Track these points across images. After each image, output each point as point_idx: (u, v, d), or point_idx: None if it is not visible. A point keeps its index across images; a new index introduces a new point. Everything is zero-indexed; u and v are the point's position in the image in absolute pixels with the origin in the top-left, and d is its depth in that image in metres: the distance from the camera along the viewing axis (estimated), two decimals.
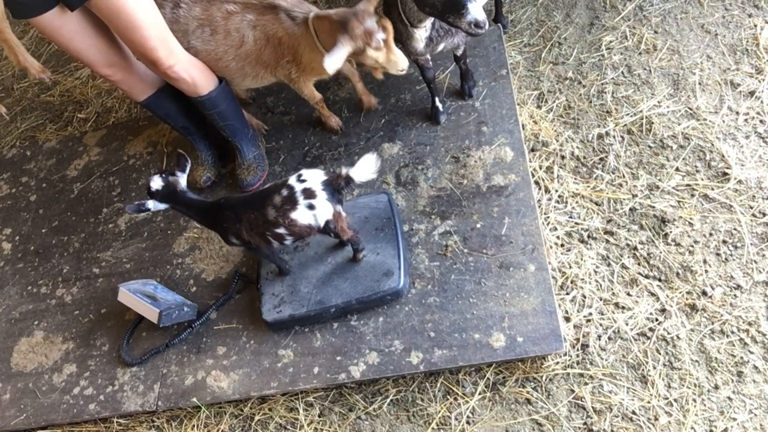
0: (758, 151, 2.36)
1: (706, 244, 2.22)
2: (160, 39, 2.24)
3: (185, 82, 2.40)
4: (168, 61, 2.30)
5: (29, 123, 3.65)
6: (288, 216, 2.06)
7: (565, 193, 2.44)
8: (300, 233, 2.12)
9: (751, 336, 2.03)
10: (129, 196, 2.99)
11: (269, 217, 2.08)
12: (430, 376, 2.22)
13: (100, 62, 2.34)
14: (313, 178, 2.07)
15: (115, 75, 2.41)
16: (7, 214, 3.19)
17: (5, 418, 2.52)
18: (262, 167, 2.79)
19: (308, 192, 2.05)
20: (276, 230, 2.10)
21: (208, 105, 2.54)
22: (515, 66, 2.85)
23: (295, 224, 2.07)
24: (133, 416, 2.43)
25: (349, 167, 2.06)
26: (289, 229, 2.09)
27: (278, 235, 2.11)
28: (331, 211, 2.08)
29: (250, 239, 2.15)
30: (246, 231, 2.13)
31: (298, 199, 2.05)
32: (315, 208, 2.06)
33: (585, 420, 2.02)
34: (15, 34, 4.17)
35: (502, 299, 2.21)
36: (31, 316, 2.77)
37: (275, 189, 2.09)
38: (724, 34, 2.68)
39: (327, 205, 2.07)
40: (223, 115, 2.61)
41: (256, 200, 2.12)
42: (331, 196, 2.07)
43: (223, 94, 2.55)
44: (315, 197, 2.05)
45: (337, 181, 2.06)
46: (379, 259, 2.32)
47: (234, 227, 2.15)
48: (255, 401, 2.33)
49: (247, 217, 2.11)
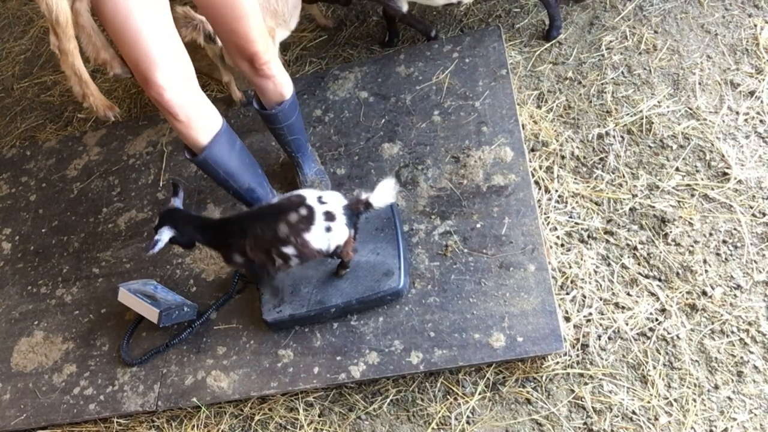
0: (758, 151, 2.36)
1: (706, 244, 2.22)
2: (260, 31, 2.10)
3: (274, 82, 2.23)
4: (265, 56, 2.14)
5: (29, 123, 3.65)
6: (301, 236, 1.99)
7: (565, 193, 2.44)
8: (308, 256, 2.05)
9: (751, 336, 2.04)
10: (129, 195, 2.99)
11: (280, 233, 2.00)
12: (430, 376, 2.22)
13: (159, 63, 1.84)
14: (334, 201, 2.02)
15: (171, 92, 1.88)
16: (7, 214, 3.19)
17: (5, 418, 2.52)
18: (325, 182, 2.63)
19: (329, 215, 1.99)
20: (283, 249, 2.02)
21: (288, 114, 2.36)
22: (515, 66, 2.85)
23: (306, 246, 2.01)
24: (133, 416, 2.43)
25: (369, 192, 2.00)
26: (299, 249, 2.02)
27: (284, 255, 2.04)
28: (346, 236, 2.04)
29: (254, 256, 2.07)
30: (251, 246, 2.05)
31: (317, 220, 1.98)
32: (331, 231, 2.01)
33: (585, 420, 2.02)
34: (14, 34, 4.19)
35: (502, 299, 2.21)
36: (31, 316, 2.77)
37: (291, 206, 2.01)
38: (724, 34, 2.68)
39: (344, 229, 2.02)
40: (293, 127, 2.43)
41: (268, 214, 2.04)
42: (349, 221, 2.03)
43: (296, 103, 2.40)
44: (334, 220, 2.00)
45: (357, 207, 2.02)
46: (379, 259, 2.32)
47: (239, 243, 2.07)
48: (255, 401, 2.33)
49: (255, 231, 2.03)
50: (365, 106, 2.89)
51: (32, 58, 4.01)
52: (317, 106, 2.96)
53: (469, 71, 2.82)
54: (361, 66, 3.03)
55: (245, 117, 3.05)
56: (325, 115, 2.92)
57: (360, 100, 2.92)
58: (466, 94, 2.76)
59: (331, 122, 2.89)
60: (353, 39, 3.28)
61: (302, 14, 3.11)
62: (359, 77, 2.99)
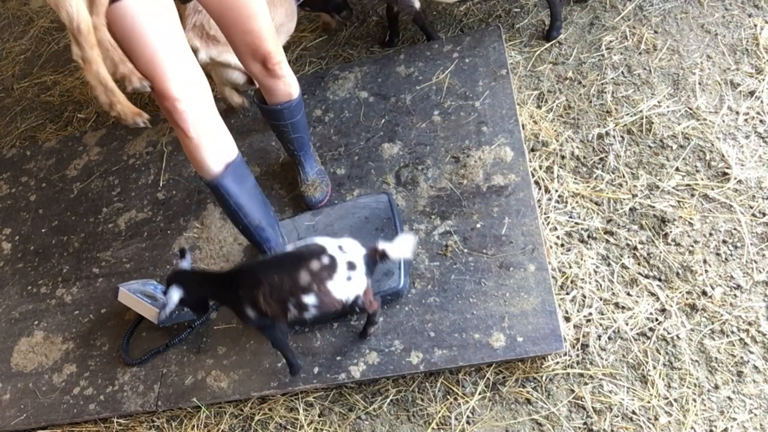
0: (758, 151, 2.36)
1: (706, 244, 2.22)
2: (270, 31, 2.11)
3: (285, 81, 2.25)
4: (278, 55, 2.16)
5: (29, 123, 3.65)
6: (324, 284, 1.93)
7: (565, 193, 2.44)
8: (327, 306, 1.98)
9: (751, 336, 2.03)
10: (129, 195, 2.99)
11: (301, 281, 1.93)
12: (430, 376, 2.22)
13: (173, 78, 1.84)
14: (353, 250, 1.99)
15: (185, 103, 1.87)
16: (7, 214, 3.19)
17: (5, 418, 2.52)
18: (326, 182, 2.64)
19: (351, 264, 1.96)
20: (303, 297, 1.94)
21: (294, 112, 2.37)
22: (515, 66, 2.85)
23: (327, 294, 1.94)
24: (133, 416, 2.43)
25: (387, 242, 1.98)
26: (320, 298, 1.95)
27: (302, 305, 1.95)
28: (365, 286, 2.01)
29: (267, 307, 1.97)
30: (264, 297, 1.95)
31: (340, 269, 1.95)
32: (352, 280, 1.97)
33: (585, 420, 2.02)
34: (14, 34, 4.19)
35: (502, 299, 2.21)
36: (31, 316, 2.77)
37: (312, 254, 1.95)
38: (724, 34, 2.68)
39: (363, 279, 1.99)
40: (297, 126, 2.44)
41: (285, 263, 1.97)
42: (368, 270, 2.00)
43: (302, 102, 2.41)
44: (355, 269, 1.97)
45: (374, 256, 1.99)
46: None
47: (251, 293, 1.97)
48: (255, 401, 2.33)
49: (270, 280, 1.95)
50: (365, 106, 2.89)
51: (32, 58, 4.01)
52: (317, 106, 2.96)
53: (469, 71, 2.82)
54: (361, 66, 3.03)
55: (245, 117, 3.05)
56: (325, 115, 2.92)
57: (360, 100, 2.92)
58: (466, 94, 2.76)
59: (331, 122, 2.89)
60: (353, 39, 3.28)
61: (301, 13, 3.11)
62: (359, 77, 2.99)
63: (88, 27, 1.65)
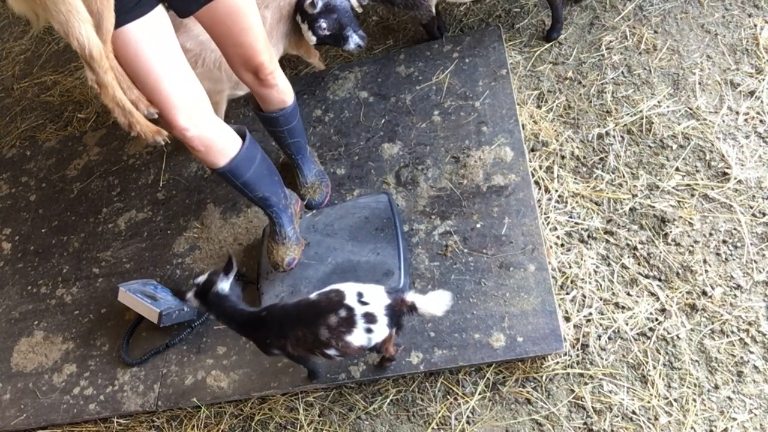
0: (758, 151, 2.36)
1: (706, 244, 2.22)
2: (264, 42, 2.11)
3: (278, 90, 2.26)
4: (270, 66, 2.15)
5: (29, 123, 3.65)
6: (342, 338, 1.88)
7: (565, 193, 2.44)
8: (351, 353, 1.97)
9: (751, 336, 2.04)
10: (129, 195, 2.99)
11: (321, 337, 1.90)
12: (430, 376, 2.22)
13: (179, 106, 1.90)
14: (376, 300, 1.88)
15: (193, 129, 1.96)
16: (7, 214, 3.19)
17: (5, 418, 2.52)
18: (325, 183, 2.65)
19: (370, 317, 1.87)
20: (326, 350, 1.93)
21: (289, 118, 2.38)
22: (515, 66, 2.85)
23: (348, 346, 1.90)
24: (133, 416, 2.43)
25: (418, 294, 1.89)
26: (341, 350, 1.92)
27: (327, 355, 1.95)
28: (386, 335, 1.94)
29: (296, 353, 2.00)
30: (292, 346, 1.98)
31: (357, 322, 1.87)
32: (372, 332, 1.89)
33: (585, 420, 2.02)
34: (14, 34, 4.19)
35: (502, 299, 2.21)
36: (31, 316, 2.77)
37: (330, 307, 1.90)
38: (724, 34, 2.68)
39: (385, 330, 1.91)
40: (293, 131, 2.45)
41: (307, 316, 1.94)
42: (390, 321, 1.89)
43: (297, 107, 2.41)
44: (376, 322, 1.87)
45: (401, 307, 1.88)
46: (379, 259, 2.32)
47: (279, 342, 1.99)
48: (255, 401, 2.33)
49: (295, 334, 1.94)
50: (365, 106, 2.89)
51: (32, 58, 4.01)
52: (317, 106, 2.96)
53: (469, 71, 2.82)
54: (361, 66, 3.03)
55: (245, 117, 3.05)
56: (325, 115, 2.92)
57: (360, 100, 2.93)
58: (466, 94, 2.76)
59: (331, 122, 2.89)
60: None
61: None
62: (359, 77, 2.99)
63: (100, 52, 1.66)
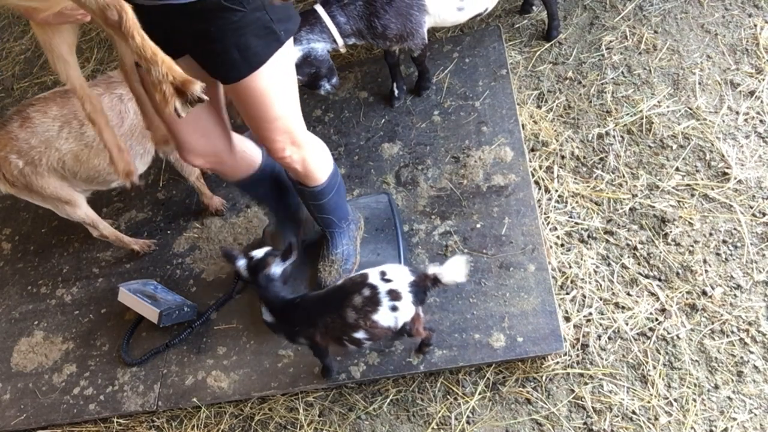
0: (758, 151, 2.36)
1: (706, 244, 2.22)
2: (283, 131, 1.87)
3: (295, 171, 2.02)
4: (283, 152, 1.92)
5: None
6: (369, 318, 1.90)
7: (565, 193, 2.44)
8: (379, 335, 1.97)
9: (751, 336, 2.03)
10: (129, 195, 2.99)
11: (349, 319, 1.91)
12: (430, 376, 2.22)
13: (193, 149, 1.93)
14: (400, 277, 1.91)
15: (205, 165, 2.04)
16: (7, 214, 3.19)
17: (5, 418, 2.52)
18: (346, 267, 2.36)
19: (394, 293, 1.89)
20: (354, 334, 1.94)
21: (317, 196, 2.16)
22: (515, 66, 2.85)
23: (376, 326, 1.91)
24: (133, 416, 2.43)
25: (437, 266, 1.90)
26: (370, 332, 1.93)
27: (356, 340, 1.96)
28: (412, 313, 1.94)
29: (324, 343, 2.01)
30: (321, 335, 1.98)
31: (381, 300, 1.89)
32: (398, 310, 1.90)
33: (585, 420, 2.02)
34: (14, 34, 4.19)
35: (502, 299, 2.21)
36: (31, 316, 2.77)
37: (354, 288, 1.92)
38: (724, 34, 2.68)
39: (410, 307, 1.92)
40: (324, 208, 2.22)
41: (333, 300, 1.96)
42: (415, 297, 1.92)
43: (333, 183, 2.15)
44: (400, 299, 1.90)
45: (424, 282, 1.91)
46: (379, 260, 2.32)
47: (308, 331, 2.00)
48: (255, 401, 2.33)
49: (324, 321, 1.96)
50: (365, 106, 2.89)
51: (32, 58, 4.01)
52: (317, 106, 2.96)
53: (469, 71, 2.82)
54: (361, 66, 3.03)
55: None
56: (325, 115, 2.92)
57: (360, 100, 2.93)
58: (466, 94, 2.76)
59: (331, 122, 2.89)
60: None
61: None
62: (359, 77, 2.99)
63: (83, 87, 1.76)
